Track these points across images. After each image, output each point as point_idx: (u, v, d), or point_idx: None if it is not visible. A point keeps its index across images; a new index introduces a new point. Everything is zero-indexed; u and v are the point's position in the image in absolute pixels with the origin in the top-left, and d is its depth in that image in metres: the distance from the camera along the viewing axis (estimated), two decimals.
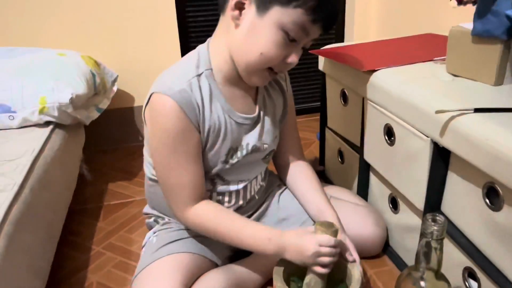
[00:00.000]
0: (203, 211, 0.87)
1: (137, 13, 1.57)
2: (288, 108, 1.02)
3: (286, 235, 0.83)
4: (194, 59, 0.86)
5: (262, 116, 0.94)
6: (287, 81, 1.02)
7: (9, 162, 0.98)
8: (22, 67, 1.19)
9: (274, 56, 0.80)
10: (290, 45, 0.79)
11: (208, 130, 0.85)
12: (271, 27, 0.77)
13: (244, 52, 0.81)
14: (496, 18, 0.80)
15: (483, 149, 0.69)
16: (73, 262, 1.09)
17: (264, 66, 0.82)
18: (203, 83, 0.84)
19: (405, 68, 1.01)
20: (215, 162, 0.89)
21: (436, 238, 0.66)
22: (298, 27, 0.77)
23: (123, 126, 1.71)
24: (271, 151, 0.99)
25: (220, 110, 0.86)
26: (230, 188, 0.95)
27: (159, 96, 0.80)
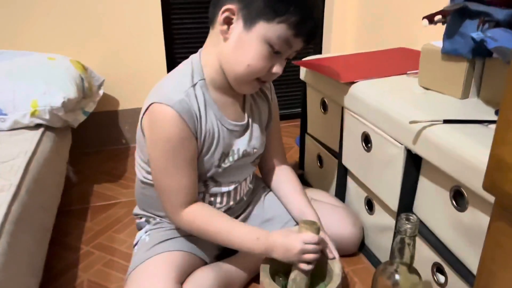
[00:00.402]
0: (196, 213, 0.92)
1: (124, 19, 1.61)
2: (273, 116, 1.09)
3: (273, 235, 0.89)
4: (188, 69, 0.91)
5: (250, 123, 1.00)
6: (271, 90, 1.09)
7: (3, 164, 1.01)
8: (13, 70, 1.22)
9: (260, 67, 0.86)
10: (274, 56, 0.86)
11: (204, 136, 0.91)
12: (257, 41, 0.83)
13: (233, 64, 0.87)
14: (463, 39, 0.89)
15: (450, 156, 0.77)
16: (64, 261, 1.12)
17: (252, 77, 0.88)
18: (198, 93, 0.89)
19: (381, 81, 1.09)
20: (209, 166, 0.95)
21: (410, 235, 0.74)
22: (282, 41, 0.83)
23: (107, 129, 1.74)
24: (259, 154, 1.06)
25: (213, 117, 0.92)
26: (222, 190, 1.00)
27: (159, 106, 0.85)
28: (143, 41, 1.66)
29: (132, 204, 1.34)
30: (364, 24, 1.82)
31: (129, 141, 1.78)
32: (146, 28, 1.65)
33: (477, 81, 0.93)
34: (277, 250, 0.88)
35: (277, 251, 0.88)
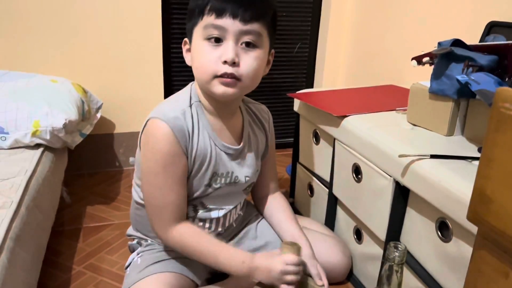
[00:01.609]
0: (184, 232, 0.95)
1: (125, 47, 1.66)
2: (269, 146, 1.13)
3: (256, 258, 0.93)
4: (187, 92, 0.98)
5: (245, 150, 1.04)
6: (269, 122, 1.14)
7: (4, 181, 1.03)
8: (16, 90, 1.25)
9: (205, 61, 0.88)
10: (218, 46, 0.87)
11: (195, 155, 0.94)
12: (198, 43, 0.90)
13: (196, 74, 0.93)
14: (449, 80, 0.96)
15: (436, 189, 0.82)
16: (55, 281, 1.13)
17: (208, 76, 0.89)
18: (194, 112, 0.95)
19: (371, 116, 1.15)
20: (199, 185, 0.98)
21: (398, 263, 0.78)
22: (211, 27, 0.86)
23: (102, 151, 1.76)
24: (251, 183, 1.09)
25: (207, 137, 0.96)
26: (211, 215, 1.03)
27: (155, 121, 0.90)
28: (143, 68, 1.72)
29: (124, 226, 1.37)
30: (355, 61, 1.91)
31: (123, 164, 1.81)
32: (146, 56, 1.70)
33: (461, 120, 1.00)
34: (260, 272, 0.92)
35: (260, 273, 0.92)
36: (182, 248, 0.95)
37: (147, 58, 1.71)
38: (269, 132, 1.12)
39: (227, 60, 0.86)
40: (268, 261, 0.91)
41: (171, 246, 0.98)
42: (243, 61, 0.88)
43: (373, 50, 1.77)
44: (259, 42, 0.89)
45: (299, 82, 2.07)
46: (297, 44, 2.00)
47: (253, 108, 1.10)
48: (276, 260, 0.91)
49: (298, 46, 2.00)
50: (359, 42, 1.87)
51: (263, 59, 0.92)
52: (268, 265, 0.91)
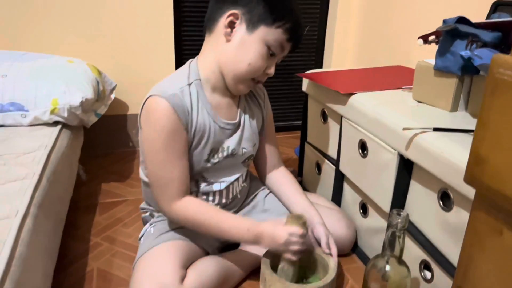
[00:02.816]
0: (189, 204, 0.99)
1: (138, 30, 1.71)
2: (266, 121, 1.17)
3: (262, 225, 0.97)
4: (185, 71, 1.02)
5: (242, 124, 1.09)
6: (265, 99, 1.18)
7: (26, 155, 1.09)
8: (35, 70, 1.30)
9: (259, 66, 0.97)
10: (270, 58, 0.98)
11: (194, 131, 0.98)
12: (258, 43, 0.95)
13: (235, 62, 0.97)
14: (453, 57, 0.99)
15: (439, 160, 0.85)
16: (74, 251, 1.19)
17: (249, 76, 0.99)
18: (192, 91, 0.98)
19: (378, 94, 1.18)
20: (198, 161, 1.02)
21: (400, 228, 0.82)
22: (278, 44, 0.96)
23: (115, 132, 1.82)
24: (250, 156, 1.13)
25: (206, 115, 1.00)
26: (213, 188, 1.08)
27: (154, 98, 0.94)
28: (155, 51, 1.76)
29: (138, 202, 1.42)
30: (364, 43, 1.93)
31: (136, 144, 1.86)
32: (158, 39, 1.74)
33: (465, 95, 1.02)
34: (264, 239, 0.95)
35: (264, 240, 0.96)
36: (187, 221, 0.99)
37: (159, 41, 1.75)
38: (265, 108, 1.17)
39: (270, 74, 1.01)
40: (273, 229, 0.95)
41: (176, 221, 1.01)
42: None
43: (381, 32, 1.79)
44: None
45: (308, 64, 2.10)
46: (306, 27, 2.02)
47: None
48: (281, 229, 0.94)
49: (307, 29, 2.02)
50: (367, 24, 1.89)
51: None
52: (273, 233, 0.94)
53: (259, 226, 0.96)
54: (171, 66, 1.79)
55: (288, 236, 0.93)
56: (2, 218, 0.82)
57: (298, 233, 0.94)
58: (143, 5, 1.68)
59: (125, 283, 1.07)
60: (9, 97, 1.24)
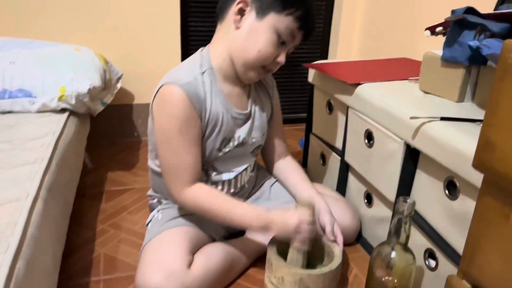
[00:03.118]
0: (199, 191, 0.99)
1: (144, 19, 1.71)
2: (274, 110, 1.18)
3: (272, 213, 0.97)
4: (197, 60, 1.02)
5: (253, 114, 1.09)
6: (273, 88, 1.18)
7: (34, 141, 1.10)
8: (43, 57, 1.31)
9: (269, 54, 0.97)
10: (280, 46, 0.98)
11: (208, 120, 0.99)
12: (268, 30, 0.95)
13: (244, 49, 0.97)
14: (461, 47, 0.99)
15: (446, 149, 0.86)
16: (81, 237, 1.20)
17: (259, 63, 0.99)
18: (206, 79, 0.99)
19: (385, 84, 1.19)
20: (210, 150, 1.03)
21: (406, 215, 0.83)
22: (288, 31, 0.96)
23: (121, 122, 1.83)
24: (259, 145, 1.14)
25: (219, 104, 1.01)
26: (222, 178, 1.09)
27: (169, 86, 0.94)
28: (161, 40, 1.76)
29: (144, 191, 1.43)
30: (369, 35, 1.93)
31: (141, 134, 1.87)
32: (164, 28, 1.75)
33: (472, 86, 1.03)
34: (274, 226, 0.96)
35: (274, 227, 0.96)
36: (197, 207, 1.00)
37: (166, 31, 1.75)
38: (273, 97, 1.18)
39: (280, 62, 1.00)
40: (282, 216, 0.96)
41: (186, 207, 1.02)
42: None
43: (386, 24, 1.79)
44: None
45: (313, 56, 2.10)
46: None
47: None
48: (291, 216, 0.95)
49: None
50: (373, 17, 1.89)
51: None
52: (283, 220, 0.95)
53: (269, 214, 0.97)
54: (177, 56, 1.80)
55: (299, 223, 0.94)
56: (13, 200, 0.83)
57: (308, 220, 0.95)
58: None
59: (132, 268, 1.08)
60: (18, 83, 1.25)
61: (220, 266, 0.99)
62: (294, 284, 0.93)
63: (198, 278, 0.93)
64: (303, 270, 0.93)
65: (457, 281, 0.69)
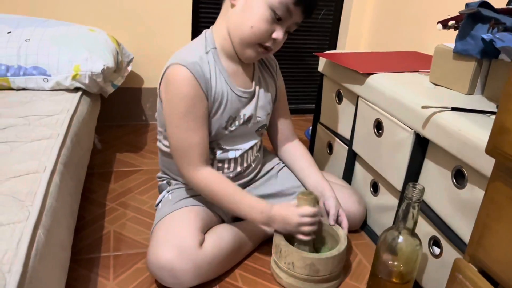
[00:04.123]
0: (208, 175, 1.01)
1: (156, 3, 1.72)
2: (279, 90, 1.19)
3: (274, 208, 0.99)
4: (202, 40, 1.04)
5: (257, 92, 1.11)
6: (277, 69, 1.20)
7: (49, 117, 1.11)
8: (57, 37, 1.32)
9: (263, 30, 0.96)
10: (276, 23, 0.97)
11: (214, 98, 1.01)
12: (262, 5, 0.95)
13: (239, 26, 0.98)
14: (474, 40, 1.01)
15: (456, 138, 0.88)
16: (91, 214, 1.22)
17: (255, 40, 0.98)
18: (210, 59, 1.01)
19: (395, 75, 1.20)
20: (217, 128, 1.05)
21: (415, 200, 0.85)
22: (284, 7, 0.94)
23: (130, 105, 1.84)
24: (264, 125, 1.16)
25: (224, 83, 1.02)
26: (228, 156, 1.10)
27: (175, 66, 0.96)
28: (172, 25, 1.77)
29: (152, 172, 1.45)
30: (379, 28, 1.94)
31: (149, 118, 1.89)
32: (175, 13, 1.76)
33: (482, 79, 1.05)
34: (277, 222, 0.99)
35: (277, 223, 0.99)
36: (205, 191, 1.02)
37: (177, 16, 1.76)
38: (277, 77, 1.19)
39: (278, 39, 0.97)
40: (284, 212, 0.98)
41: (195, 188, 1.04)
42: (281, 40, 0.99)
43: (396, 17, 1.80)
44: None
45: (322, 47, 2.11)
46: (322, 10, 2.03)
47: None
48: (292, 212, 0.97)
49: (323, 13, 2.04)
50: (383, 9, 1.90)
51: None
52: (285, 216, 0.98)
53: (272, 210, 0.99)
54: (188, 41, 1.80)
55: (300, 218, 0.96)
56: (32, 172, 0.85)
57: (310, 213, 0.97)
58: None
59: (141, 246, 1.10)
60: (32, 61, 1.26)
61: (230, 246, 1.01)
62: (304, 269, 0.95)
63: (209, 256, 0.96)
64: (314, 254, 0.96)
65: (464, 264, 0.71)
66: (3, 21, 1.35)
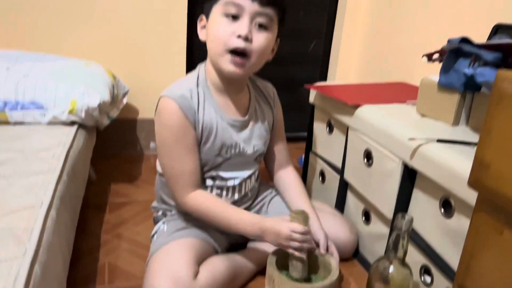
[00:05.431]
0: (200, 197, 1.06)
1: (151, 37, 1.77)
2: (276, 121, 1.24)
3: (266, 221, 1.02)
4: (195, 74, 1.11)
5: (252, 122, 1.15)
6: (275, 98, 1.24)
7: (46, 151, 1.13)
8: (55, 71, 1.36)
9: (221, 34, 0.99)
10: (235, 22, 0.98)
11: (202, 128, 1.06)
12: (215, 17, 1.00)
13: (209, 47, 1.04)
14: (457, 74, 1.05)
15: (442, 169, 0.91)
16: (86, 245, 1.23)
17: (221, 48, 0.99)
18: (200, 91, 1.06)
19: (383, 106, 1.24)
20: (210, 155, 1.09)
21: (405, 231, 0.87)
22: (231, 5, 0.97)
23: (124, 135, 1.87)
24: (261, 153, 1.20)
25: (213, 113, 1.07)
26: (227, 184, 1.14)
27: (164, 99, 1.03)
28: (167, 58, 1.82)
29: (146, 203, 1.46)
30: (368, 59, 2.00)
31: (143, 148, 1.91)
32: (171, 47, 1.80)
33: (467, 111, 1.09)
34: (268, 234, 1.01)
35: (268, 235, 1.01)
36: (198, 212, 1.06)
37: (172, 49, 1.81)
38: (275, 106, 1.23)
39: (242, 34, 0.97)
40: (276, 225, 1.00)
41: (188, 211, 1.08)
42: (255, 38, 0.99)
43: (385, 49, 1.86)
44: (270, 26, 1.02)
45: (313, 78, 2.16)
46: (312, 42, 2.10)
47: (259, 85, 1.22)
48: (283, 225, 0.99)
49: (313, 44, 2.10)
50: (372, 42, 1.96)
51: (271, 41, 1.04)
52: (276, 229, 0.99)
53: (264, 222, 1.02)
54: (182, 74, 1.85)
55: (290, 232, 0.98)
56: (29, 207, 0.87)
57: (300, 230, 0.99)
58: (157, 13, 1.74)
59: (136, 278, 1.11)
60: (30, 96, 1.29)
61: (224, 276, 1.03)
62: None
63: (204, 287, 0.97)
64: (306, 284, 0.97)
65: None
66: (1, 56, 1.38)
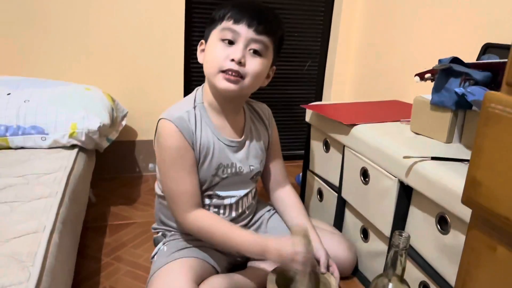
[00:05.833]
0: (200, 216, 1.07)
1: (149, 62, 1.81)
2: (272, 140, 1.26)
3: (269, 240, 1.02)
4: (192, 96, 1.14)
5: (248, 142, 1.18)
6: (270, 118, 1.27)
7: (47, 175, 1.15)
8: (56, 96, 1.38)
9: (216, 57, 1.03)
10: (230, 47, 1.02)
11: (200, 149, 1.08)
12: (213, 41, 1.05)
13: (205, 68, 1.08)
14: (448, 93, 1.08)
15: (437, 186, 0.93)
16: (86, 269, 1.23)
17: (215, 69, 1.03)
18: (197, 113, 1.09)
19: (378, 125, 1.27)
20: (207, 175, 1.11)
21: (402, 248, 0.89)
22: (226, 31, 1.02)
23: (123, 157, 1.88)
24: (258, 172, 1.21)
25: (210, 133, 1.10)
26: (224, 202, 1.16)
27: (163, 121, 1.06)
28: (165, 82, 1.85)
29: (146, 225, 1.47)
30: (361, 78, 2.04)
31: (142, 170, 1.92)
32: (168, 69, 1.84)
33: (459, 128, 1.11)
34: (271, 253, 1.01)
35: (271, 254, 1.01)
36: (198, 231, 1.07)
37: (169, 71, 1.84)
38: (270, 126, 1.26)
39: (235, 59, 1.01)
40: (278, 244, 1.00)
41: (188, 230, 1.09)
42: (248, 62, 1.03)
43: (378, 69, 1.90)
44: (265, 53, 1.06)
45: (309, 98, 2.20)
46: (307, 63, 2.14)
47: (255, 106, 1.25)
48: (286, 245, 0.99)
49: (308, 64, 2.14)
50: (365, 61, 2.00)
51: (265, 68, 1.08)
52: (278, 247, 1.00)
53: (266, 241, 1.02)
54: (180, 97, 1.88)
55: (293, 252, 0.98)
56: (32, 232, 0.88)
57: (303, 249, 0.99)
58: (155, 38, 1.78)
59: None
60: (31, 121, 1.31)
61: None
62: None
63: None
64: None
65: None
66: (3, 83, 1.41)
